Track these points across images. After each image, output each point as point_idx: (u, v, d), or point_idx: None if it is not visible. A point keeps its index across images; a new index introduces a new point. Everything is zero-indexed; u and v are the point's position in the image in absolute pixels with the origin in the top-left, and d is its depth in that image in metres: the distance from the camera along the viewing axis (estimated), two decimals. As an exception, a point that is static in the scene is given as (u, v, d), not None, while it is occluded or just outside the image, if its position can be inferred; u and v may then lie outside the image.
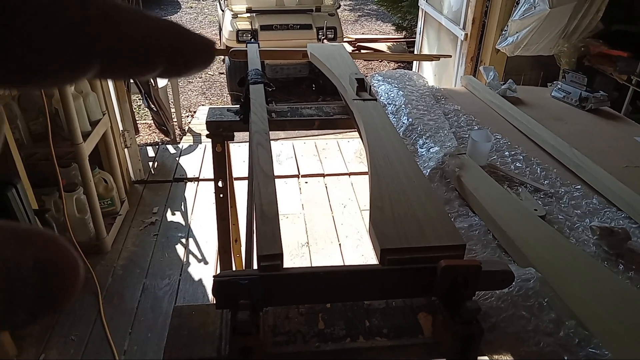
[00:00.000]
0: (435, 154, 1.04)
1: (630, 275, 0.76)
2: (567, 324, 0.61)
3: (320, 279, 0.55)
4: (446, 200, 0.93)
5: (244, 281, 0.53)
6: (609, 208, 0.95)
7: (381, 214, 0.64)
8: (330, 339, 0.59)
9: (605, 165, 1.08)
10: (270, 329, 0.60)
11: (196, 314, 0.63)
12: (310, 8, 4.47)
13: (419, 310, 0.65)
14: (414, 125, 1.18)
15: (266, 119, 0.96)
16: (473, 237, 0.82)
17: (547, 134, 1.22)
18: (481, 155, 1.08)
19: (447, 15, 3.04)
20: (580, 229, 0.88)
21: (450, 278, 0.55)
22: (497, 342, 0.61)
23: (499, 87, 1.54)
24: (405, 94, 1.35)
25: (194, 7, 8.28)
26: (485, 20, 2.65)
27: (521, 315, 0.62)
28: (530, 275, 0.66)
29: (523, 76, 2.66)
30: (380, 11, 7.86)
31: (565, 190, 1.01)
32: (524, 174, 1.07)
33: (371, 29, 7.26)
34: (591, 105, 1.45)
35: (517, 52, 2.43)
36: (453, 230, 0.62)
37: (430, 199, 0.68)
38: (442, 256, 0.56)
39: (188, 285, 2.00)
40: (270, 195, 0.71)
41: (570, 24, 2.31)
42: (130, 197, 2.50)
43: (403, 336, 0.61)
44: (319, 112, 1.27)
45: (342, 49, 1.42)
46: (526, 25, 2.31)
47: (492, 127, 1.29)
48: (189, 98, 4.74)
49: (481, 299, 0.63)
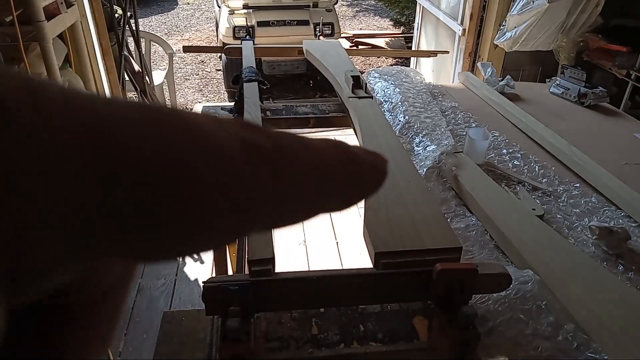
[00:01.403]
0: (431, 153, 1.02)
1: (630, 276, 0.75)
2: (566, 328, 0.60)
3: (313, 284, 0.53)
4: (443, 200, 0.92)
5: (234, 287, 0.51)
6: (608, 207, 0.94)
7: (376, 216, 0.63)
8: (324, 345, 0.58)
9: (605, 162, 1.06)
10: (263, 335, 0.59)
11: (187, 319, 0.61)
12: (307, 4, 4.45)
13: (415, 314, 0.63)
14: (410, 123, 1.16)
15: (260, 117, 0.94)
16: (470, 237, 0.81)
17: (546, 131, 1.20)
18: (478, 154, 1.06)
19: (445, 10, 3.02)
20: (579, 229, 0.86)
21: (446, 282, 0.54)
22: (495, 346, 0.59)
23: (496, 83, 1.53)
24: (401, 91, 1.33)
25: (191, 4, 8.23)
26: (483, 15, 2.63)
27: (519, 318, 0.61)
28: (528, 278, 0.64)
29: (521, 72, 2.65)
30: (378, 6, 7.83)
31: (563, 188, 0.99)
32: (522, 172, 1.05)
33: (369, 25, 7.22)
34: (590, 101, 1.44)
35: (515, 48, 2.41)
36: (449, 233, 0.61)
37: (426, 200, 0.66)
38: (438, 259, 0.55)
39: (184, 285, 1.98)
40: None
41: (569, 19, 2.29)
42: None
43: (398, 341, 0.59)
44: (314, 110, 1.25)
45: (338, 46, 1.40)
46: (524, 20, 2.29)
47: (490, 125, 1.27)
48: (185, 95, 4.72)
49: (478, 302, 0.62)
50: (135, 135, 0.11)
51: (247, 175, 0.12)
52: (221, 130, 0.12)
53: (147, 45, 3.31)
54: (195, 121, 0.12)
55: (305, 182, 0.13)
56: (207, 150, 0.12)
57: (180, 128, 0.11)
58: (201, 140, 0.12)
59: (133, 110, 0.11)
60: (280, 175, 0.13)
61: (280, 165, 0.13)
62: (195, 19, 7.43)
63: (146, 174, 0.11)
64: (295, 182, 0.13)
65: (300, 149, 0.13)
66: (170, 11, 7.78)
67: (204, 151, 0.11)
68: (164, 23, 7.16)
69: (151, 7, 7.78)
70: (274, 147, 0.13)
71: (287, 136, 0.13)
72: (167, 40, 4.02)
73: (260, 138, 0.13)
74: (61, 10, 1.77)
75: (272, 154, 0.13)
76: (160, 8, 7.88)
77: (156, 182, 0.11)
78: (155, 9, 7.76)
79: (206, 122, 0.12)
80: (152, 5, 7.88)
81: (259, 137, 0.13)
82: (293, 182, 0.13)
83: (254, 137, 0.13)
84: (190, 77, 5.14)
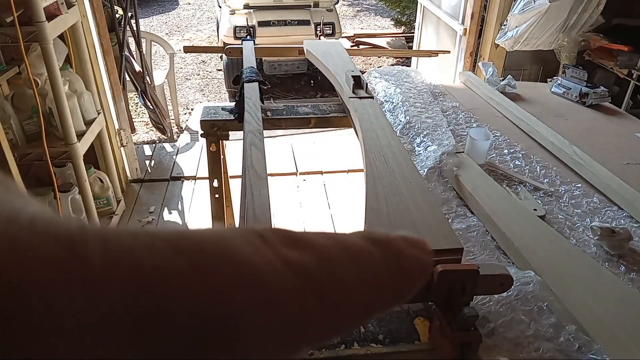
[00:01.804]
0: (432, 153, 1.02)
1: (632, 277, 0.75)
2: (567, 329, 0.60)
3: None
4: (444, 200, 0.92)
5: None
6: (609, 207, 0.94)
7: (376, 216, 0.62)
8: (324, 346, 0.58)
9: (606, 162, 1.06)
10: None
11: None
12: (308, 4, 4.44)
13: (416, 315, 0.63)
14: (411, 123, 1.16)
15: (260, 118, 0.94)
16: (471, 238, 0.80)
17: (547, 131, 1.20)
18: (480, 154, 1.06)
19: (446, 10, 3.01)
20: (580, 229, 0.86)
21: (448, 283, 0.54)
22: (496, 347, 0.59)
23: (498, 83, 1.52)
24: (402, 91, 1.33)
25: (192, 4, 8.23)
26: (484, 15, 2.62)
27: (520, 319, 0.61)
28: (529, 279, 0.64)
29: (523, 71, 2.64)
30: (379, 6, 7.82)
31: (565, 188, 0.99)
32: (524, 172, 1.05)
33: (370, 24, 7.22)
34: (591, 101, 1.43)
35: (516, 47, 2.40)
36: (450, 233, 0.60)
37: (427, 200, 0.66)
38: (439, 260, 0.55)
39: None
40: (263, 198, 0.69)
41: (570, 18, 2.28)
42: (126, 196, 2.48)
43: (399, 342, 0.59)
44: (315, 110, 1.25)
45: (338, 46, 1.40)
46: (526, 19, 2.28)
47: (491, 124, 1.27)
48: (186, 95, 4.71)
49: (479, 303, 0.62)
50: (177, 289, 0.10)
51: (293, 304, 0.11)
52: (258, 254, 0.11)
53: (147, 46, 3.31)
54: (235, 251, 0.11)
55: (355, 300, 0.13)
56: (251, 287, 0.11)
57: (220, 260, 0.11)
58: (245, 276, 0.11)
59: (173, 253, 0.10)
60: (326, 299, 0.12)
61: (326, 288, 0.12)
62: (196, 19, 7.42)
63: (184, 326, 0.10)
64: (341, 303, 0.12)
65: (346, 262, 0.13)
66: (171, 11, 7.78)
67: (249, 288, 0.11)
68: (165, 23, 7.16)
69: (152, 7, 7.78)
70: (319, 266, 0.12)
71: (328, 246, 0.13)
72: (168, 40, 4.02)
73: (304, 255, 0.12)
74: (62, 10, 1.77)
75: (318, 275, 0.12)
76: (161, 8, 7.87)
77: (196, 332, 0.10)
78: (156, 9, 7.76)
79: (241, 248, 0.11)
80: (153, 5, 7.87)
81: (303, 255, 0.12)
82: (339, 304, 0.12)
83: (298, 254, 0.12)
84: (191, 77, 5.14)
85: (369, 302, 0.13)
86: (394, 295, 0.14)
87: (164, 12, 7.69)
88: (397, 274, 0.14)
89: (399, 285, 0.14)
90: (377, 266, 0.13)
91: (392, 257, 0.14)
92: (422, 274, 0.14)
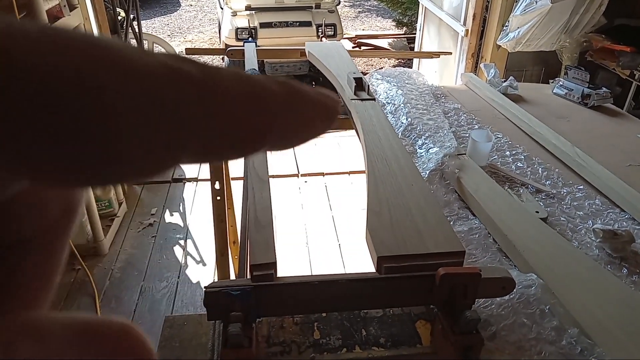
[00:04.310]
0: (434, 155, 1.02)
1: (635, 280, 0.75)
2: (570, 332, 0.60)
3: (315, 289, 0.53)
4: (446, 203, 0.92)
5: (235, 292, 0.51)
6: (612, 209, 0.93)
7: (378, 219, 0.62)
8: (326, 350, 0.58)
9: (608, 164, 1.05)
10: (265, 339, 0.58)
11: (188, 324, 0.61)
12: (309, 5, 4.45)
13: (417, 318, 0.63)
14: (413, 125, 1.16)
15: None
16: (473, 241, 0.80)
17: (549, 133, 1.20)
18: (481, 156, 1.06)
19: (448, 11, 3.01)
20: (582, 231, 0.86)
21: (449, 286, 0.53)
22: (498, 351, 0.59)
23: (499, 84, 1.52)
24: (404, 92, 1.33)
25: (194, 5, 8.25)
26: (486, 16, 2.62)
27: (522, 323, 0.60)
28: (531, 282, 0.64)
29: (524, 72, 2.64)
30: (380, 7, 7.82)
31: (567, 190, 0.99)
32: (525, 174, 1.05)
33: (371, 26, 7.22)
34: (594, 102, 1.43)
35: (518, 48, 2.40)
36: (452, 236, 0.60)
37: (429, 203, 0.66)
38: (441, 263, 0.55)
39: (186, 287, 1.98)
40: (264, 200, 0.69)
41: (572, 19, 2.28)
42: (128, 198, 2.48)
43: (401, 346, 0.59)
44: (316, 112, 1.25)
45: (340, 47, 1.40)
46: (528, 20, 2.28)
47: (493, 126, 1.27)
48: (188, 97, 4.72)
49: (481, 306, 0.62)
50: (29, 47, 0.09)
51: (167, 96, 0.11)
52: (143, 55, 0.11)
53: (150, 47, 3.32)
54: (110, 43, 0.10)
55: (238, 111, 0.12)
56: (118, 65, 0.10)
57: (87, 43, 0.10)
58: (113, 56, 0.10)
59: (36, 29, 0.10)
60: (207, 101, 0.11)
61: (207, 90, 0.11)
62: (198, 20, 7.44)
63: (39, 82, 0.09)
64: (224, 110, 0.12)
65: (234, 79, 0.12)
66: (173, 13, 7.80)
67: (115, 66, 0.10)
68: (167, 25, 7.18)
69: (154, 9, 7.80)
70: (202, 74, 0.11)
71: (221, 68, 0.12)
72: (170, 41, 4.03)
73: (188, 65, 0.11)
74: (64, 13, 1.78)
75: (199, 80, 0.11)
76: (163, 10, 7.89)
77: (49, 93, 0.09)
78: (158, 11, 7.78)
79: (124, 46, 0.11)
80: (154, 7, 7.89)
81: (187, 65, 0.11)
82: (222, 110, 0.12)
83: (181, 64, 0.11)
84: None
85: (259, 122, 0.12)
86: (286, 126, 0.13)
87: (166, 14, 7.71)
88: (291, 103, 0.13)
89: (293, 116, 0.13)
90: (269, 92, 0.12)
91: (288, 89, 0.13)
92: (320, 113, 0.14)
